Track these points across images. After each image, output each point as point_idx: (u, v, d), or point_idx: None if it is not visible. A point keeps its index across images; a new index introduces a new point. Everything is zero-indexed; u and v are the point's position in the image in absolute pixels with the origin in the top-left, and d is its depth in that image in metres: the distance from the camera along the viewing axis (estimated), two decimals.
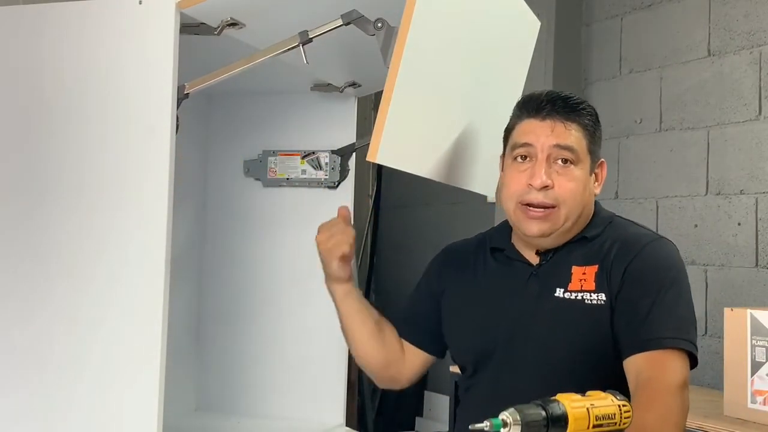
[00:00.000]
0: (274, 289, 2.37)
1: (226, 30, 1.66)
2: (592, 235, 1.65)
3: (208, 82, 1.64)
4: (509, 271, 1.69)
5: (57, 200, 1.62)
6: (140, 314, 1.54)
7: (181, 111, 1.57)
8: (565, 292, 1.60)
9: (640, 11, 3.82)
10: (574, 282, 1.60)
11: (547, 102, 1.63)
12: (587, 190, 1.64)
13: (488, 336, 1.67)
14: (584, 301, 1.58)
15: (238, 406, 2.38)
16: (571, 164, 1.61)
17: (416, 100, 1.50)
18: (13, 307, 1.65)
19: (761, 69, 3.28)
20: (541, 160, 1.60)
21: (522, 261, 1.68)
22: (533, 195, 1.60)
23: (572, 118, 1.62)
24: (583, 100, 1.68)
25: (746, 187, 3.29)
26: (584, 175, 1.63)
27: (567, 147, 1.60)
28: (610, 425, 1.22)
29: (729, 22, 3.41)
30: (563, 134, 1.61)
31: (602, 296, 1.57)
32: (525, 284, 1.65)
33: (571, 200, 1.61)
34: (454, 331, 1.76)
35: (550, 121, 1.62)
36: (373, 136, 1.41)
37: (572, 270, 1.61)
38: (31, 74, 1.67)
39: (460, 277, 1.77)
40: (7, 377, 1.64)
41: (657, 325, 1.53)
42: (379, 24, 1.53)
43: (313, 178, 2.34)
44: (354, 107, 2.33)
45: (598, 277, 1.59)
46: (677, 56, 3.60)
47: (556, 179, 1.60)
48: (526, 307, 1.63)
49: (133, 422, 1.53)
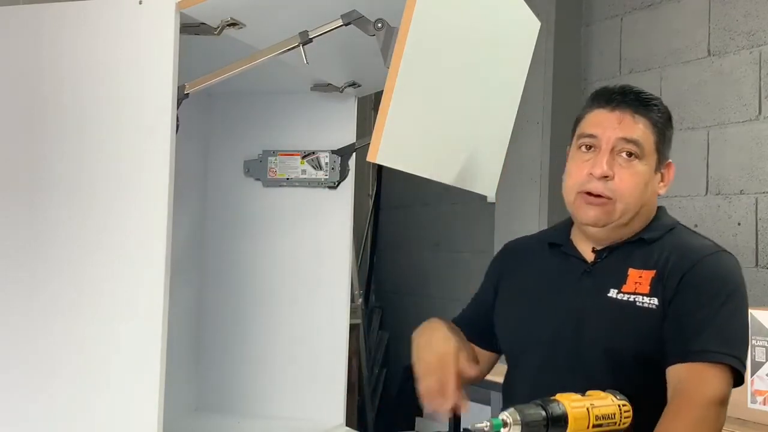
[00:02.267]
0: (274, 288, 2.37)
1: (226, 30, 1.66)
2: (650, 238, 1.62)
3: (208, 82, 1.64)
4: (564, 267, 1.68)
5: (57, 200, 1.62)
6: (140, 314, 1.54)
7: (181, 111, 1.57)
8: (618, 293, 1.58)
9: (640, 11, 3.81)
10: (629, 284, 1.58)
11: (619, 94, 1.62)
12: (649, 187, 1.61)
13: (534, 328, 1.66)
14: (635, 304, 1.56)
15: (238, 406, 2.38)
16: (635, 158, 1.59)
17: (416, 101, 1.50)
18: (13, 307, 1.64)
19: (761, 69, 3.28)
20: (604, 151, 1.59)
21: (578, 257, 1.67)
22: (593, 184, 1.59)
23: (642, 113, 1.60)
24: (656, 97, 1.65)
25: (746, 187, 3.29)
26: (647, 171, 1.60)
27: (632, 140, 1.58)
28: (610, 425, 1.23)
29: (729, 22, 3.41)
30: (630, 127, 1.59)
31: (654, 300, 1.55)
32: (578, 281, 1.64)
33: (630, 194, 1.58)
34: (501, 321, 1.76)
35: (618, 113, 1.60)
36: (373, 136, 1.41)
37: (629, 272, 1.59)
38: (31, 74, 1.67)
39: (516, 270, 1.77)
40: (8, 377, 1.64)
41: (705, 337, 1.50)
42: (379, 24, 1.53)
43: (313, 178, 2.34)
44: (354, 107, 2.33)
45: (654, 282, 1.56)
46: (677, 56, 3.60)
47: (618, 171, 1.58)
48: (577, 304, 1.62)
49: (133, 422, 1.53)
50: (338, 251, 2.34)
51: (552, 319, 1.64)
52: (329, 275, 2.34)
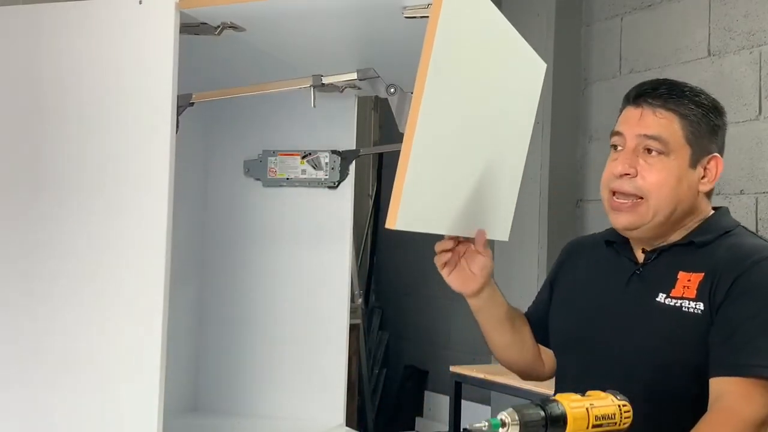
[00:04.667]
0: (274, 288, 2.37)
1: (226, 30, 1.66)
2: (701, 241, 1.56)
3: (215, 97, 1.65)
4: (616, 266, 1.65)
5: (57, 200, 1.62)
6: (140, 314, 1.54)
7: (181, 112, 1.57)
8: (666, 297, 1.53)
9: (640, 11, 3.81)
10: (678, 288, 1.53)
11: (649, 88, 1.58)
12: (683, 183, 1.55)
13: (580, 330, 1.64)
14: (681, 309, 1.51)
15: (237, 406, 2.38)
16: (660, 154, 1.54)
17: (432, 162, 1.49)
18: (14, 307, 1.65)
19: (761, 69, 3.28)
20: (627, 149, 1.56)
21: (629, 258, 1.64)
22: (617, 183, 1.56)
23: (667, 106, 1.55)
24: (692, 88, 1.59)
25: (746, 187, 3.29)
26: (677, 166, 1.54)
27: (653, 136, 1.54)
28: (610, 425, 1.22)
29: (729, 22, 3.41)
30: (651, 123, 1.55)
31: (700, 305, 1.49)
32: (626, 282, 1.60)
33: (657, 192, 1.53)
34: (552, 318, 1.75)
35: (641, 109, 1.57)
36: (392, 202, 1.39)
37: (678, 275, 1.54)
38: (30, 74, 1.67)
39: (573, 268, 1.75)
40: (8, 377, 1.64)
41: (752, 349, 1.43)
42: (392, 89, 1.54)
43: (313, 178, 2.34)
44: (354, 107, 2.33)
45: (701, 286, 1.50)
46: (677, 56, 3.60)
47: (642, 169, 1.54)
48: (622, 309, 1.59)
49: (133, 422, 1.53)
50: (338, 251, 2.34)
51: (597, 322, 1.62)
52: (329, 275, 2.34)
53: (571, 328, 1.69)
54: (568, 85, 4.08)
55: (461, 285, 1.69)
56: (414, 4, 1.50)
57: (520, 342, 1.79)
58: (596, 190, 4.57)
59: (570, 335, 1.68)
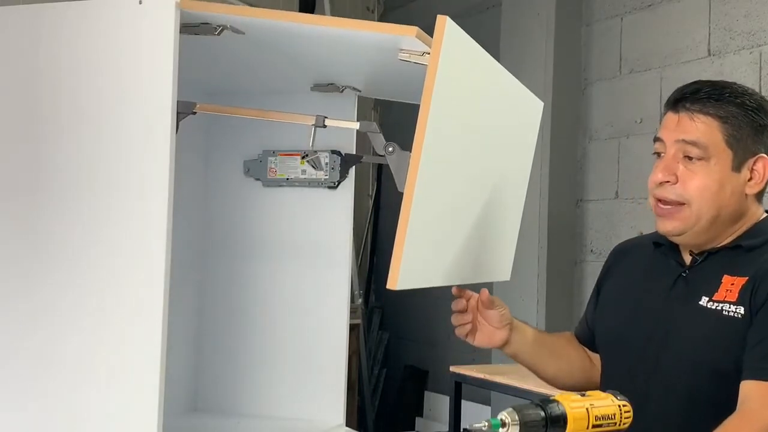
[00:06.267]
0: (273, 289, 2.37)
1: (226, 30, 1.65)
2: (748, 245, 1.55)
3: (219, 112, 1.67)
4: (663, 268, 1.64)
5: (56, 200, 1.62)
6: (140, 314, 1.54)
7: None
8: (709, 301, 1.52)
9: (640, 11, 3.82)
10: (721, 291, 1.52)
11: (689, 92, 1.57)
12: (726, 188, 1.52)
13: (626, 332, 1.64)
14: (722, 313, 1.50)
15: (237, 405, 2.38)
16: (699, 160, 1.52)
17: (432, 219, 1.48)
18: (14, 308, 1.64)
19: (761, 69, 3.28)
20: (666, 156, 1.55)
21: (676, 260, 1.63)
22: (659, 190, 1.55)
23: (704, 110, 1.53)
24: (734, 89, 1.57)
25: None
26: (719, 171, 1.52)
27: (690, 141, 1.52)
28: (610, 425, 1.22)
29: (729, 22, 3.41)
30: (687, 128, 1.53)
31: (740, 309, 1.48)
32: (672, 284, 1.60)
33: (699, 198, 1.52)
34: (598, 319, 1.74)
35: (678, 114, 1.56)
36: (392, 264, 1.39)
37: (723, 279, 1.53)
38: (30, 74, 1.66)
39: (620, 270, 1.75)
40: (7, 376, 1.64)
41: None
42: (390, 149, 1.54)
43: (313, 178, 2.34)
44: (354, 107, 2.33)
45: (744, 289, 1.49)
46: (677, 56, 3.61)
47: (683, 174, 1.53)
48: (667, 312, 1.58)
49: (133, 422, 1.53)
50: (338, 251, 2.34)
51: (642, 323, 1.62)
52: (329, 275, 2.34)
53: (615, 329, 1.68)
54: (568, 85, 4.08)
55: (489, 342, 1.73)
56: (410, 49, 1.50)
57: (567, 365, 1.79)
58: (596, 190, 4.59)
59: (614, 336, 1.68)
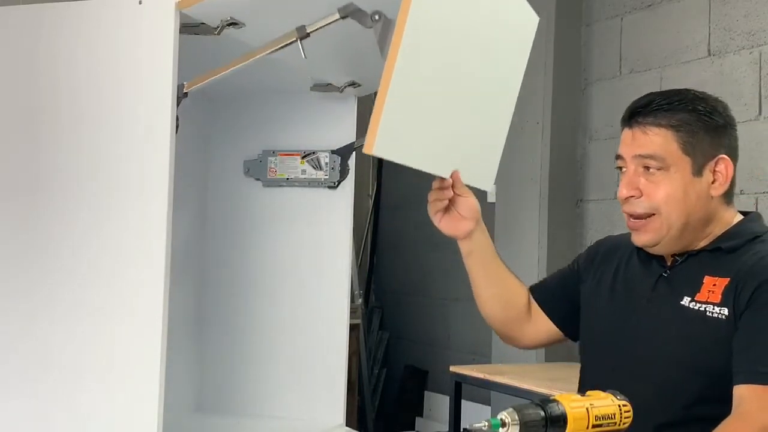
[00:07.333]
0: (273, 289, 2.37)
1: (226, 30, 1.66)
2: (728, 247, 1.56)
3: (206, 80, 1.64)
4: (645, 270, 1.65)
5: (56, 200, 1.62)
6: (140, 314, 1.54)
7: (181, 111, 1.57)
8: (691, 301, 1.54)
9: (640, 11, 3.81)
10: (703, 292, 1.53)
11: (640, 106, 1.59)
12: (691, 193, 1.55)
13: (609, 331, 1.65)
14: (705, 314, 1.51)
15: (238, 405, 2.38)
16: (660, 170, 1.54)
17: (413, 93, 1.49)
18: (14, 308, 1.64)
19: (761, 69, 3.28)
20: (628, 171, 1.58)
21: (658, 261, 1.64)
22: (627, 206, 1.59)
23: (656, 122, 1.55)
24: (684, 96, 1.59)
25: (746, 187, 3.29)
26: (680, 178, 1.54)
27: (647, 155, 1.55)
28: (610, 425, 1.22)
29: (729, 22, 3.41)
30: (642, 142, 1.56)
31: (725, 311, 1.49)
32: (654, 284, 1.61)
33: (667, 206, 1.54)
34: (582, 323, 1.76)
35: (632, 130, 1.58)
36: (370, 128, 1.39)
37: (704, 279, 1.54)
38: (30, 74, 1.67)
39: (604, 268, 1.75)
40: (8, 377, 1.64)
41: None
42: (376, 16, 1.53)
43: (313, 178, 2.34)
44: (354, 107, 2.33)
45: (727, 291, 1.51)
46: (677, 56, 3.60)
47: (646, 187, 1.55)
48: (649, 309, 1.60)
49: (133, 422, 1.53)
50: (338, 251, 2.34)
51: (624, 323, 1.63)
52: (329, 275, 2.34)
53: (598, 328, 1.70)
54: (568, 85, 4.08)
55: (452, 229, 1.74)
56: None
57: (506, 297, 1.81)
58: (596, 190, 4.60)
59: (597, 334, 1.70)
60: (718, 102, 1.61)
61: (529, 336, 1.85)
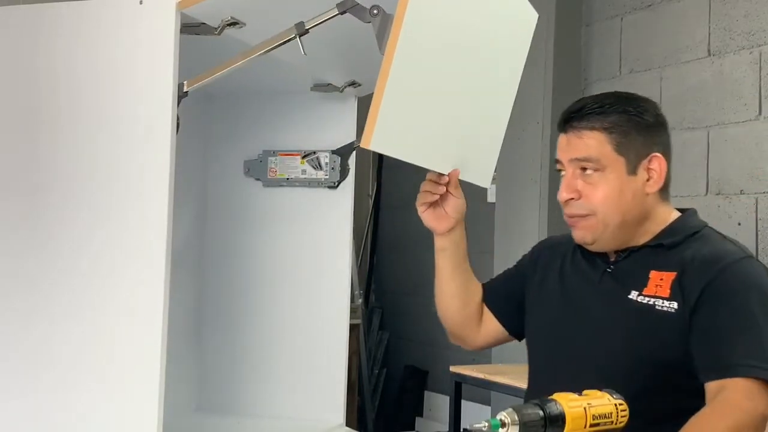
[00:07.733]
0: (274, 289, 2.38)
1: (226, 30, 1.66)
2: (670, 243, 1.60)
3: (206, 79, 1.64)
4: (589, 267, 1.67)
5: (56, 200, 1.63)
6: (140, 314, 1.54)
7: (181, 111, 1.57)
8: (639, 295, 1.56)
9: (640, 11, 3.82)
10: (650, 286, 1.56)
11: (571, 112, 1.63)
12: (627, 192, 1.59)
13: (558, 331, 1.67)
14: (655, 307, 1.54)
15: (238, 405, 2.38)
16: (596, 171, 1.58)
17: (411, 88, 1.49)
18: (14, 307, 1.65)
19: (761, 69, 3.28)
20: (567, 175, 1.62)
21: (600, 257, 1.66)
22: (567, 208, 1.62)
23: (589, 126, 1.59)
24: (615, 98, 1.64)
25: (746, 187, 3.29)
26: (616, 178, 1.58)
27: (583, 158, 1.59)
28: (607, 424, 1.23)
29: (729, 22, 3.41)
30: (577, 146, 1.60)
31: (674, 304, 1.52)
32: (599, 280, 1.64)
33: (604, 206, 1.58)
34: (529, 321, 1.78)
35: (567, 135, 1.62)
36: (367, 122, 1.40)
37: (650, 274, 1.57)
38: (30, 74, 1.67)
39: (548, 267, 1.77)
40: (8, 377, 1.64)
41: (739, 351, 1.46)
42: (374, 11, 1.53)
43: (313, 178, 2.34)
44: (354, 107, 2.34)
45: (674, 285, 1.54)
46: (677, 56, 3.60)
47: (584, 189, 1.59)
48: (594, 304, 1.62)
49: (133, 422, 1.53)
50: (338, 251, 2.34)
51: (570, 319, 1.65)
52: (329, 275, 2.35)
53: (544, 326, 1.72)
54: (568, 85, 4.08)
55: (434, 222, 1.74)
56: None
57: (466, 296, 1.83)
58: None
59: (544, 333, 1.72)
60: (649, 102, 1.66)
61: (481, 335, 1.87)
